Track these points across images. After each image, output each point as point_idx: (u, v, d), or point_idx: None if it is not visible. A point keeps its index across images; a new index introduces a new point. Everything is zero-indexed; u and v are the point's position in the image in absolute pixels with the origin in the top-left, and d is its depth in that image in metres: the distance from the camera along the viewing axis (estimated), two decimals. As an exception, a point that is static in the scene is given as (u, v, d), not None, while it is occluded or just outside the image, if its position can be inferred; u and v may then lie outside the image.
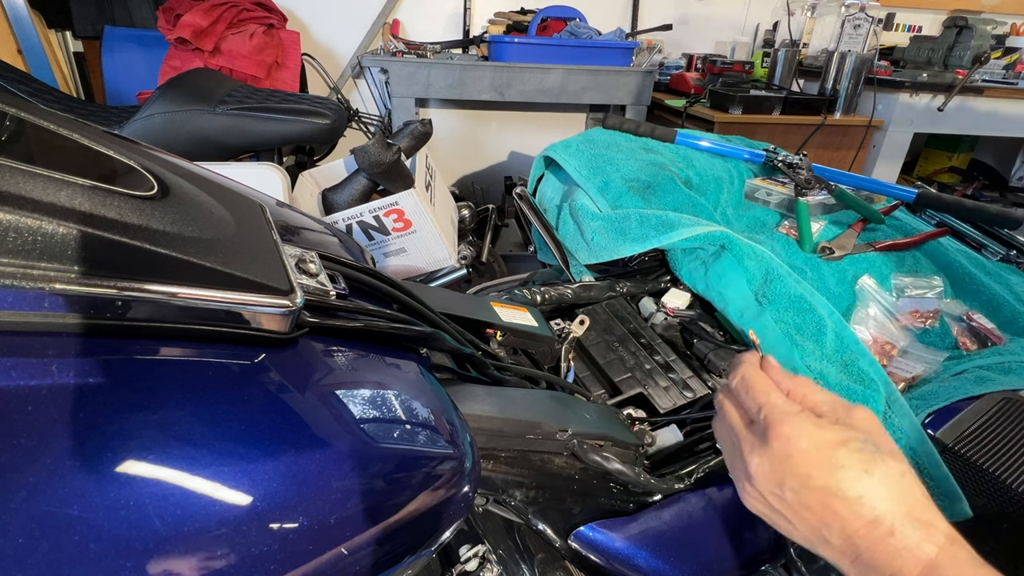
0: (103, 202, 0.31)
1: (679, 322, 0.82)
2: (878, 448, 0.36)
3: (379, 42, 2.28)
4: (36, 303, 0.26)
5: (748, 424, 0.41)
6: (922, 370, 0.75)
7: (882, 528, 0.34)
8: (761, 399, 0.40)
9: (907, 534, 0.34)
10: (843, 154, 2.18)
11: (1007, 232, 1.01)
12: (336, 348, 0.39)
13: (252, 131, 1.24)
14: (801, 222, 0.93)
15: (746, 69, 2.34)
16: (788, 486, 0.37)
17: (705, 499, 0.61)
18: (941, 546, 0.33)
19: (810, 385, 0.41)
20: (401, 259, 1.31)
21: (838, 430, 0.37)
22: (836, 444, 0.36)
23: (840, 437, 0.36)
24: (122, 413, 0.27)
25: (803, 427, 0.37)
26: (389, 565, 0.34)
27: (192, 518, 0.26)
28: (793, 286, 0.74)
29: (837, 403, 0.40)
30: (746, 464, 0.39)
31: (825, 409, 0.39)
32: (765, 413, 0.39)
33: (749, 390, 0.41)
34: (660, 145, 1.10)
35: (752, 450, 0.39)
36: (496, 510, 0.55)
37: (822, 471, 0.36)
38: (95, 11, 1.93)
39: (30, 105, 0.37)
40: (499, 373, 0.59)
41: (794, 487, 0.37)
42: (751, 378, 0.41)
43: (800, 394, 0.41)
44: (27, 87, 1.29)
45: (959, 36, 2.22)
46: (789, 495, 0.37)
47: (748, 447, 0.40)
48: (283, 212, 0.53)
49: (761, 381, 0.41)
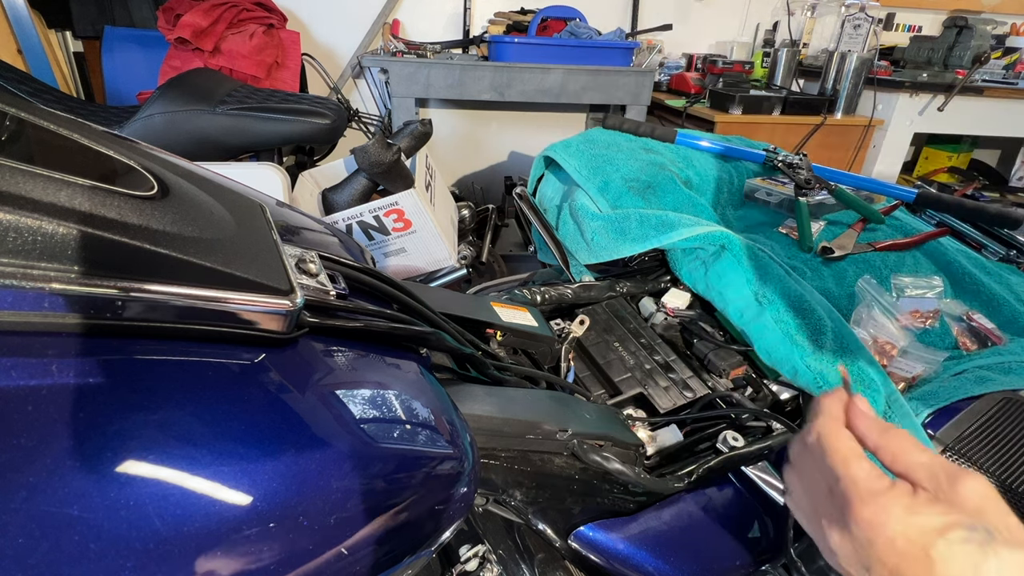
0: (103, 202, 0.31)
1: (679, 322, 0.82)
2: (991, 536, 0.29)
3: (379, 42, 2.28)
4: (36, 303, 0.26)
5: (828, 492, 0.35)
6: (922, 370, 0.75)
7: None
8: (840, 470, 0.33)
9: None
10: (843, 154, 2.18)
11: (1007, 232, 1.01)
12: (336, 348, 0.39)
13: (252, 131, 1.24)
14: (801, 222, 0.93)
15: (746, 69, 2.34)
16: (876, 572, 0.31)
17: (705, 499, 0.61)
18: None
19: (907, 441, 0.34)
20: (401, 259, 1.31)
21: (937, 513, 0.30)
22: (934, 533, 0.29)
23: (940, 523, 0.30)
24: (122, 413, 0.27)
25: (890, 511, 0.31)
26: (389, 565, 0.34)
27: (192, 518, 0.26)
28: (793, 286, 0.74)
29: (939, 469, 0.32)
30: (826, 538, 0.34)
31: (922, 476, 0.32)
32: (843, 488, 0.33)
33: (827, 454, 0.35)
34: (660, 145, 1.10)
35: (831, 525, 0.33)
36: (496, 510, 0.55)
37: (914, 566, 0.29)
38: (95, 11, 1.93)
39: (30, 105, 0.37)
40: (499, 373, 0.59)
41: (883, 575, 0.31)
42: (830, 440, 0.35)
43: (892, 453, 0.34)
44: (27, 87, 1.29)
45: (959, 36, 2.22)
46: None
47: (827, 519, 0.34)
48: (283, 212, 0.53)
49: (842, 445, 0.35)
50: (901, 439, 0.34)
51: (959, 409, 0.65)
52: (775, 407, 0.74)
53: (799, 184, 1.01)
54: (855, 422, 0.36)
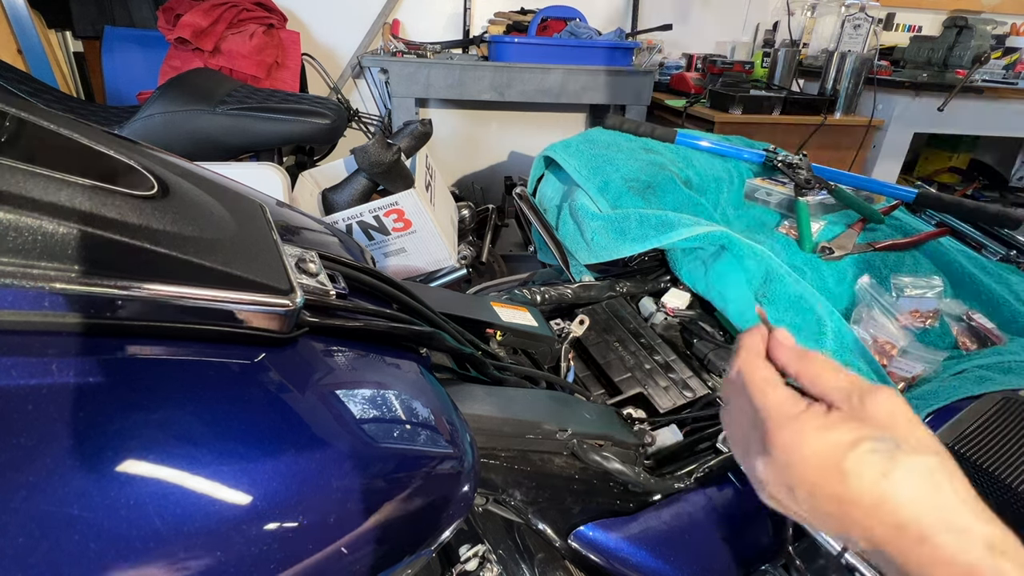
0: (103, 202, 0.31)
1: (679, 322, 0.82)
2: (898, 445, 0.31)
3: (379, 42, 2.28)
4: (36, 302, 0.26)
5: (751, 424, 0.36)
6: (922, 370, 0.75)
7: (909, 536, 0.30)
8: (758, 399, 0.35)
9: (942, 542, 0.29)
10: (843, 154, 2.18)
11: (1007, 232, 1.01)
12: (336, 348, 0.39)
13: (252, 131, 1.24)
14: (801, 222, 0.93)
15: (746, 69, 2.34)
16: (798, 493, 0.33)
17: (705, 499, 0.61)
18: (979, 557, 0.28)
19: (824, 364, 0.35)
20: (401, 259, 1.31)
21: (847, 429, 0.32)
22: (844, 447, 0.31)
23: (849, 438, 0.32)
24: (122, 413, 0.27)
25: (803, 434, 0.33)
26: (389, 565, 0.34)
27: (192, 517, 0.26)
28: (793, 286, 0.74)
29: (853, 389, 0.34)
30: (752, 467, 0.36)
31: (837, 397, 0.34)
32: (762, 417, 0.35)
33: (747, 385, 0.36)
34: (660, 145, 1.10)
35: (756, 455, 0.35)
36: (496, 510, 0.55)
37: (830, 478, 0.31)
38: (95, 11, 1.93)
39: (30, 105, 0.37)
40: (499, 373, 0.59)
41: (803, 496, 0.33)
42: (748, 372, 0.37)
43: (810, 377, 0.35)
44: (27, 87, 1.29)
45: (959, 36, 2.22)
46: (802, 501, 0.33)
47: (754, 447, 0.36)
48: (283, 212, 0.53)
49: (759, 374, 0.36)
50: (819, 363, 0.35)
51: (959, 409, 0.64)
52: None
53: (799, 184, 1.01)
54: (775, 353, 0.37)
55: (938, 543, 0.29)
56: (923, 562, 0.29)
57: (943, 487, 0.30)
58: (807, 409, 0.34)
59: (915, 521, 0.30)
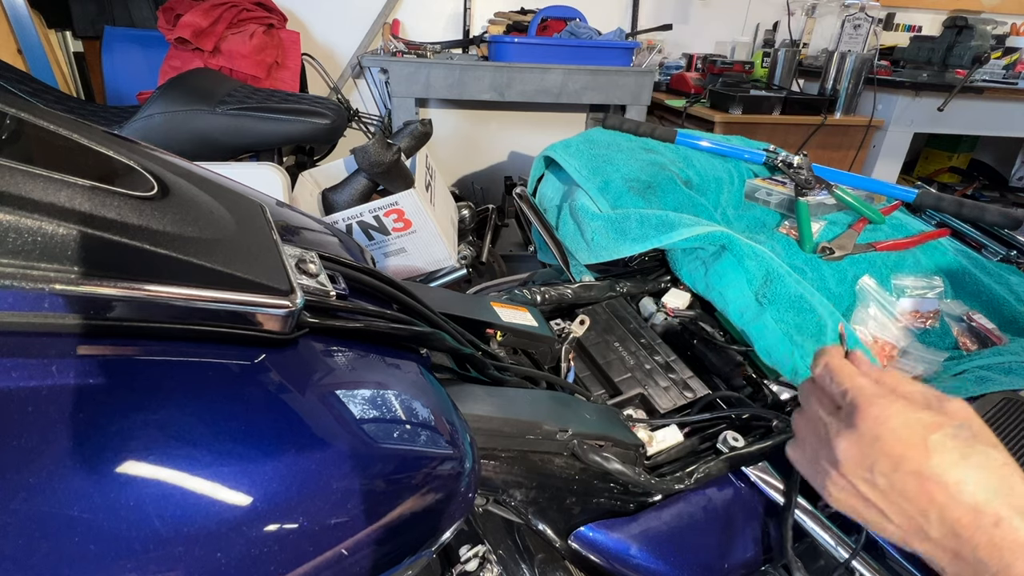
0: (103, 202, 0.31)
1: (679, 322, 0.82)
2: (975, 436, 0.34)
3: (379, 42, 2.28)
4: (36, 303, 0.26)
5: (834, 411, 0.39)
6: (922, 370, 0.75)
7: (986, 518, 0.32)
8: (847, 383, 0.38)
9: (1017, 526, 0.31)
10: (843, 154, 2.18)
11: (1007, 232, 1.01)
12: (336, 348, 0.39)
13: (252, 131, 1.24)
14: (801, 222, 0.93)
15: (746, 69, 2.34)
16: (879, 470, 0.35)
17: (705, 499, 0.61)
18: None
19: (900, 376, 0.39)
20: (401, 259, 1.31)
21: (931, 414, 0.35)
22: (930, 427, 0.34)
23: (934, 421, 0.34)
24: (122, 413, 0.27)
25: (893, 407, 0.35)
26: (389, 565, 0.34)
27: (192, 518, 0.26)
28: (793, 286, 0.74)
29: (930, 393, 0.37)
30: (832, 450, 0.37)
31: (917, 398, 0.37)
32: (852, 396, 0.37)
33: (834, 375, 0.39)
34: (660, 145, 1.10)
35: (838, 434, 0.37)
36: (496, 510, 0.55)
37: (916, 453, 0.34)
38: (95, 11, 1.93)
39: (30, 105, 0.37)
40: (499, 373, 0.58)
41: (885, 471, 0.34)
42: (836, 364, 0.39)
43: (890, 383, 0.38)
44: (27, 87, 1.29)
45: (959, 36, 2.22)
46: (881, 480, 0.35)
47: (834, 431, 0.37)
48: (283, 212, 0.53)
49: (847, 367, 0.39)
50: (896, 375, 0.39)
51: (959, 409, 0.64)
52: (775, 407, 0.74)
53: (799, 184, 1.01)
54: (856, 365, 0.40)
55: (1014, 526, 0.31)
56: (996, 543, 0.31)
57: (1016, 479, 0.33)
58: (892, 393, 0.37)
59: (990, 504, 0.32)
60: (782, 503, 0.61)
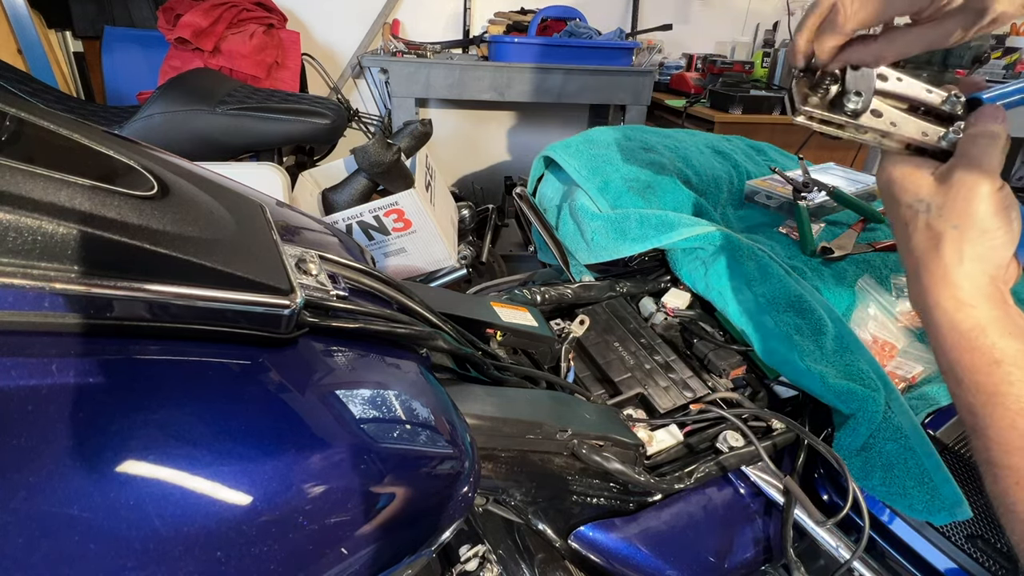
0: (103, 202, 0.31)
1: (679, 322, 0.82)
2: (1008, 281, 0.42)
3: (379, 42, 2.28)
4: (36, 303, 0.26)
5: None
6: (922, 370, 0.75)
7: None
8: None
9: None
10: (843, 154, 2.18)
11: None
12: (336, 348, 0.39)
13: (252, 131, 1.24)
14: (801, 223, 0.93)
15: (746, 69, 2.34)
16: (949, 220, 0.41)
17: (705, 499, 0.61)
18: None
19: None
20: (401, 259, 1.31)
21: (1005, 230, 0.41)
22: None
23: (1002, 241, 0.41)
24: (122, 413, 0.27)
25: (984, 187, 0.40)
26: (389, 565, 0.34)
27: (192, 518, 0.26)
28: (793, 286, 0.74)
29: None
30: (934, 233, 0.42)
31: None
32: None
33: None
34: (660, 145, 1.10)
35: (938, 181, 0.43)
36: (496, 510, 0.55)
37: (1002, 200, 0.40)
38: (95, 11, 1.93)
39: (30, 105, 0.37)
40: (499, 373, 0.58)
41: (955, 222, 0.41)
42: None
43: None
44: (27, 87, 1.29)
45: (959, 36, 2.22)
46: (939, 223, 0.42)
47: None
48: (283, 212, 0.53)
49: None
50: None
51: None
52: (775, 407, 0.74)
53: (797, 188, 1.01)
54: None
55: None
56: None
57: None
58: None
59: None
60: (782, 503, 0.61)
